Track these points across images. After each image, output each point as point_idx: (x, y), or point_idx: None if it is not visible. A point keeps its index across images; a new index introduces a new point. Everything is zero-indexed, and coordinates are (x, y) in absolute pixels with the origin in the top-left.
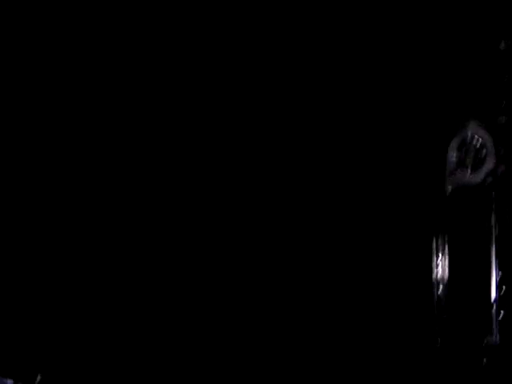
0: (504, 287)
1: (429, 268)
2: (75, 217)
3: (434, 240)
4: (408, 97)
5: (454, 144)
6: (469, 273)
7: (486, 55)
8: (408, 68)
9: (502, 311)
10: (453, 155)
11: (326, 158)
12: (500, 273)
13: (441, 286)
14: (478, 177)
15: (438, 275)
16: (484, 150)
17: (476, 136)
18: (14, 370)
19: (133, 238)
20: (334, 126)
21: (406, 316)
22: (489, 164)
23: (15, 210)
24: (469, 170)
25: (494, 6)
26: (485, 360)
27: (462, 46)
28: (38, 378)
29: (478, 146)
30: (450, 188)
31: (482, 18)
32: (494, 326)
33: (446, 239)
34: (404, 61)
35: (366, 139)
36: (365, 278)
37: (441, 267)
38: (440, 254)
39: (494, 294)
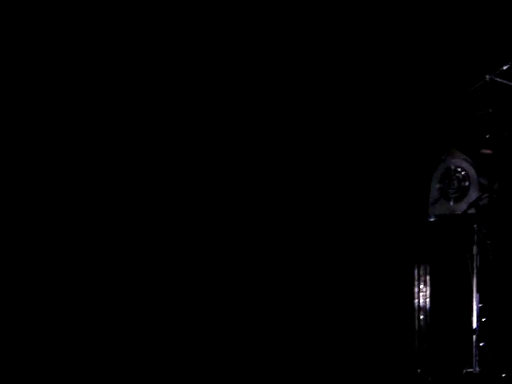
0: (484, 318)
1: (410, 296)
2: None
3: (416, 269)
4: (392, 127)
5: (437, 174)
6: (450, 302)
7: (471, 88)
8: (393, 98)
9: (481, 341)
10: (436, 186)
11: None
12: (480, 304)
13: (422, 315)
14: (461, 207)
15: (420, 304)
16: (467, 182)
17: (459, 167)
18: None
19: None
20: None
21: (387, 344)
22: (471, 195)
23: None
24: (451, 201)
25: (479, 41)
26: None
27: (447, 78)
28: None
29: (461, 177)
30: (432, 218)
31: (467, 51)
32: (474, 356)
33: (428, 268)
34: (389, 91)
35: (350, 169)
36: (347, 305)
37: (422, 296)
38: (422, 283)
39: (474, 324)
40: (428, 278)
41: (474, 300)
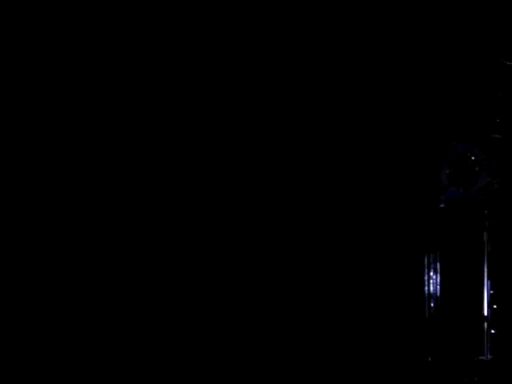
0: (495, 305)
1: (421, 284)
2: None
3: (427, 256)
4: (402, 113)
5: (447, 160)
6: (460, 289)
7: (481, 73)
8: (402, 84)
9: (493, 329)
10: (446, 171)
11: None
12: (491, 290)
13: (432, 302)
14: (471, 193)
15: (430, 291)
16: (477, 167)
17: (469, 152)
18: None
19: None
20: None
21: (397, 332)
22: (482, 181)
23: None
24: (462, 187)
25: (490, 26)
26: (476, 377)
27: (457, 64)
28: None
29: (472, 162)
30: (442, 204)
31: (478, 38)
32: (486, 344)
33: (439, 255)
34: (399, 78)
35: (359, 154)
36: (357, 292)
37: (432, 283)
38: (432, 270)
39: (485, 311)
40: (438, 265)
41: (485, 287)
